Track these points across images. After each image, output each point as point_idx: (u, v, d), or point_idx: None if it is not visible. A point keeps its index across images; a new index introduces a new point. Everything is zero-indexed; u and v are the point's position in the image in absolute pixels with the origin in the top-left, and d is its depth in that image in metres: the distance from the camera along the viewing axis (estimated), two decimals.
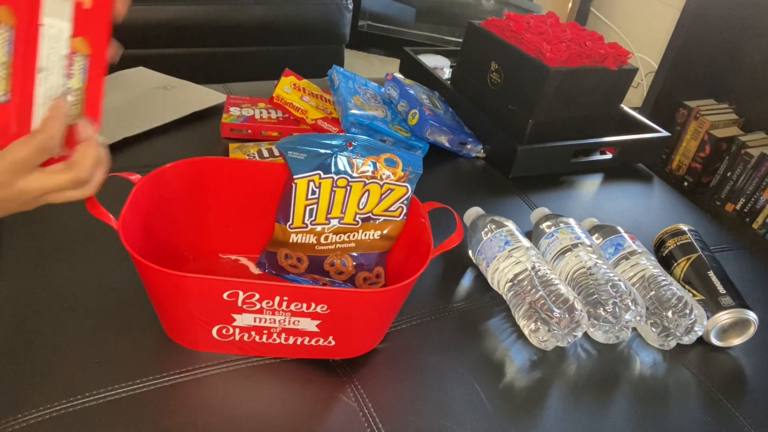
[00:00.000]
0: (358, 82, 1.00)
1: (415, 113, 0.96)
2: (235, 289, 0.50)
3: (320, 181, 0.63)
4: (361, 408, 0.55)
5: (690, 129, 1.67)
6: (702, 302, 0.69)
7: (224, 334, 0.55)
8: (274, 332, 0.55)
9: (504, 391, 0.59)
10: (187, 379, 0.54)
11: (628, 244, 0.74)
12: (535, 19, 1.03)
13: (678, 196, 1.05)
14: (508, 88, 0.99)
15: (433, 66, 1.21)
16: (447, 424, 0.55)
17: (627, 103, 1.11)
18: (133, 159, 0.84)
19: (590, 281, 0.66)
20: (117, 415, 0.50)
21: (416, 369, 0.60)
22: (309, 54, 1.76)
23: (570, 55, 0.92)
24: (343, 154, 0.63)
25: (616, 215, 0.93)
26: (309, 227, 0.65)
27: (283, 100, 0.92)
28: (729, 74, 1.70)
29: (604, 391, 0.62)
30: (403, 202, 0.65)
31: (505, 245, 0.70)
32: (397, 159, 0.64)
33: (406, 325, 0.64)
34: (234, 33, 1.63)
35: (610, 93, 1.02)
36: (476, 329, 0.66)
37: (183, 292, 0.51)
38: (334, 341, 0.56)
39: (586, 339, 0.67)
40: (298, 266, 0.66)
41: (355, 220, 0.66)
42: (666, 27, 1.78)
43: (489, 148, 1.02)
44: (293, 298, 0.51)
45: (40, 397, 0.50)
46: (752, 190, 1.54)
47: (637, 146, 1.07)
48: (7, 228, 0.70)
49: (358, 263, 0.67)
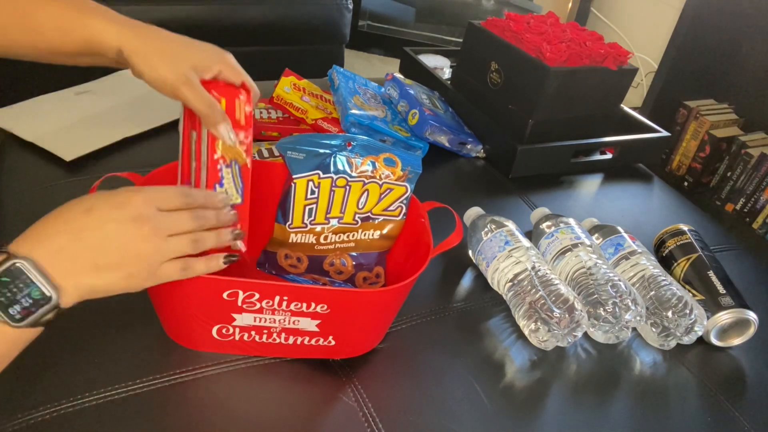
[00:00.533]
0: (358, 82, 1.00)
1: (415, 113, 0.96)
2: (235, 288, 0.50)
3: (319, 181, 0.63)
4: (361, 408, 0.55)
5: (690, 129, 1.67)
6: (702, 302, 0.69)
7: (224, 334, 0.55)
8: (274, 332, 0.55)
9: (504, 391, 0.59)
10: (187, 379, 0.54)
11: (628, 244, 0.74)
12: (535, 19, 1.03)
13: (678, 196, 1.05)
14: (508, 88, 0.99)
15: (433, 66, 1.21)
16: (447, 424, 0.55)
17: (627, 103, 1.11)
18: (133, 159, 0.84)
19: (590, 281, 0.66)
20: (117, 415, 0.50)
21: (416, 369, 0.60)
22: (309, 54, 1.76)
23: (570, 55, 0.92)
24: (342, 153, 0.63)
25: (616, 215, 0.93)
26: (308, 227, 0.65)
27: (283, 100, 0.92)
28: (729, 74, 1.70)
29: (604, 391, 0.62)
30: (402, 201, 0.65)
31: (505, 245, 0.70)
32: (396, 158, 0.64)
33: (407, 325, 0.64)
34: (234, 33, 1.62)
35: (610, 93, 1.02)
36: (476, 329, 0.66)
37: (182, 292, 0.51)
38: (334, 341, 0.56)
39: (586, 339, 0.67)
40: (297, 266, 0.66)
41: (355, 220, 0.66)
42: (666, 27, 1.78)
43: (489, 148, 1.02)
44: (293, 298, 0.51)
45: (40, 397, 0.50)
46: (752, 190, 1.54)
47: (637, 146, 1.07)
48: (8, 228, 0.70)
49: (358, 263, 0.67)
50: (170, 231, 0.45)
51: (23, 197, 0.75)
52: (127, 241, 0.42)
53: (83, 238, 0.41)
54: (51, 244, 0.40)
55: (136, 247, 0.43)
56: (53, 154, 0.81)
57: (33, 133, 0.84)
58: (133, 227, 0.42)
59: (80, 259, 0.41)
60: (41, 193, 0.76)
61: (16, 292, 0.38)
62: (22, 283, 0.38)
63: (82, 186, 0.53)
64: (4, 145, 0.85)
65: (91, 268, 0.41)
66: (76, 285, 0.41)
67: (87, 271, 0.41)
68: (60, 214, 0.42)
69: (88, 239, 0.41)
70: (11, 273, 0.38)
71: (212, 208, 0.49)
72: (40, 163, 0.81)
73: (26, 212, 0.73)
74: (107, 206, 0.43)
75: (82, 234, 0.41)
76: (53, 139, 0.84)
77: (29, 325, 0.39)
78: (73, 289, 0.40)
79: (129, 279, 0.43)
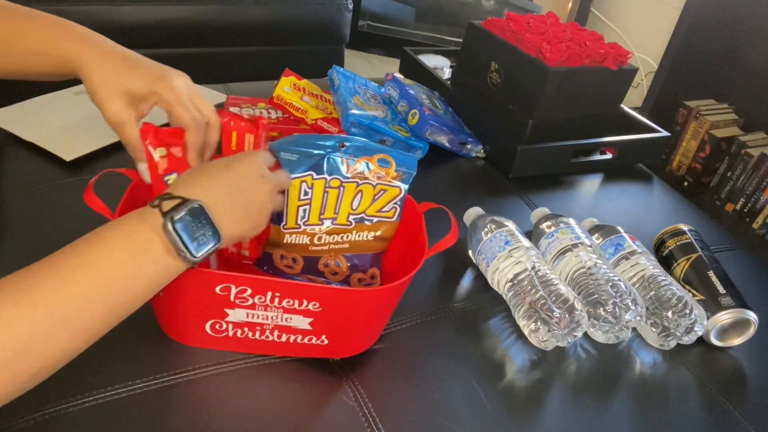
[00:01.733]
0: (358, 82, 1.00)
1: (415, 113, 0.96)
2: (227, 283, 0.50)
3: (313, 182, 0.63)
4: (361, 408, 0.55)
5: (690, 129, 1.67)
6: (702, 302, 0.69)
7: (218, 330, 0.55)
8: (267, 329, 0.55)
9: (504, 391, 0.59)
10: (187, 379, 0.54)
11: (628, 244, 0.74)
12: (535, 19, 1.03)
13: (678, 196, 1.05)
14: (508, 88, 0.99)
15: (433, 66, 1.21)
16: (447, 424, 0.55)
17: (627, 103, 1.11)
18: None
19: (590, 281, 0.66)
20: (117, 415, 0.50)
21: (416, 369, 0.60)
22: (309, 54, 1.76)
23: (570, 55, 0.92)
24: (335, 154, 0.63)
25: (616, 215, 0.93)
26: (302, 228, 0.65)
27: (283, 100, 0.92)
28: (729, 74, 1.70)
29: (604, 391, 0.62)
30: (396, 202, 0.65)
31: (505, 245, 0.70)
32: (390, 159, 0.64)
33: (407, 324, 0.64)
34: (234, 33, 1.63)
35: (610, 93, 1.02)
36: (476, 329, 0.66)
37: (175, 285, 0.51)
38: (327, 340, 0.56)
39: (586, 339, 0.67)
40: (293, 267, 0.66)
41: (348, 221, 0.66)
42: (666, 27, 1.78)
43: (489, 148, 1.02)
44: (285, 295, 0.52)
45: (40, 397, 0.50)
46: (752, 190, 1.54)
47: (637, 146, 1.07)
48: (8, 229, 0.70)
49: (353, 264, 0.67)
50: (278, 187, 0.54)
51: (23, 197, 0.75)
52: (262, 197, 0.51)
53: (231, 193, 0.48)
54: (209, 192, 0.46)
55: (265, 202, 0.51)
56: (53, 154, 0.81)
57: (33, 133, 0.84)
58: (263, 183, 0.51)
59: (231, 210, 0.47)
60: (41, 193, 0.76)
61: (197, 229, 0.44)
62: (201, 222, 0.44)
63: (82, 186, 0.53)
64: (4, 145, 0.85)
65: (239, 219, 0.48)
66: (228, 232, 0.47)
67: (237, 221, 0.48)
68: (204, 170, 0.49)
69: (234, 193, 0.48)
70: (195, 211, 0.44)
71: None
72: (40, 163, 0.81)
73: (26, 212, 0.73)
74: (240, 165, 0.50)
75: (230, 188, 0.48)
76: (53, 139, 0.84)
77: (200, 262, 0.45)
78: (227, 236, 0.46)
79: (255, 229, 0.51)
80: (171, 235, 0.42)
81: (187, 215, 0.43)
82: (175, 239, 0.42)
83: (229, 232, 0.46)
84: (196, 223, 0.43)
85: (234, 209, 0.48)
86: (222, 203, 0.46)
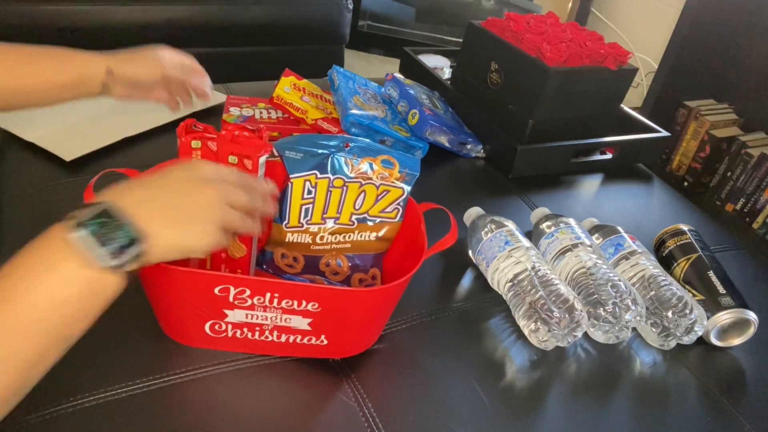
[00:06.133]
0: (358, 82, 1.00)
1: (415, 113, 0.96)
2: (227, 284, 0.50)
3: (316, 181, 0.63)
4: (361, 408, 0.55)
5: (690, 129, 1.67)
6: (702, 302, 0.69)
7: (217, 330, 0.55)
8: (266, 329, 0.55)
9: (504, 391, 0.59)
10: (187, 379, 0.54)
11: (628, 244, 0.74)
12: (535, 19, 1.03)
13: (678, 196, 1.05)
14: (508, 88, 0.99)
15: (433, 66, 1.21)
16: (447, 424, 0.55)
17: (627, 103, 1.11)
18: (133, 159, 0.84)
19: (590, 281, 0.66)
20: (117, 415, 0.50)
21: (416, 369, 0.60)
22: (309, 54, 1.76)
23: (570, 55, 0.92)
24: (340, 154, 0.63)
25: (616, 215, 0.93)
26: (305, 227, 0.65)
27: (283, 100, 0.92)
28: (729, 74, 1.70)
29: (604, 391, 0.62)
30: (399, 203, 0.65)
31: (505, 245, 0.70)
32: (394, 160, 0.64)
33: (406, 324, 0.64)
34: (234, 33, 1.63)
35: (610, 93, 1.02)
36: (476, 329, 0.66)
37: (175, 286, 0.51)
38: (327, 340, 0.56)
39: (586, 339, 0.67)
40: (294, 266, 0.66)
41: (351, 221, 0.66)
42: (666, 27, 1.78)
43: (489, 148, 1.02)
44: (284, 295, 0.52)
45: (40, 397, 0.50)
46: (752, 190, 1.54)
47: (637, 146, 1.07)
48: (8, 229, 0.70)
49: (354, 264, 0.67)
50: (229, 199, 0.47)
51: (23, 197, 0.75)
52: (201, 199, 0.45)
53: (159, 194, 0.44)
54: (131, 194, 0.43)
55: (203, 205, 0.45)
56: (53, 154, 0.81)
57: (33, 133, 0.84)
58: (201, 184, 0.46)
59: (158, 210, 0.43)
60: (41, 193, 0.76)
61: (108, 232, 0.39)
62: (112, 225, 0.40)
63: (82, 186, 0.53)
64: (4, 145, 0.85)
65: (170, 221, 0.43)
66: (157, 236, 0.42)
67: (166, 223, 0.43)
68: (139, 177, 0.47)
69: (163, 194, 0.44)
70: (103, 213, 0.40)
71: (261, 194, 0.52)
72: (40, 163, 0.81)
73: (26, 212, 0.73)
74: (179, 168, 0.47)
75: (158, 190, 0.44)
76: (53, 139, 0.84)
77: (117, 267, 0.40)
78: (155, 239, 0.42)
79: (201, 238, 0.45)
80: (75, 243, 0.39)
81: (93, 219, 0.39)
82: (80, 246, 0.39)
83: (159, 233, 0.42)
84: (106, 226, 0.39)
85: (163, 209, 0.43)
86: (145, 202, 0.43)
